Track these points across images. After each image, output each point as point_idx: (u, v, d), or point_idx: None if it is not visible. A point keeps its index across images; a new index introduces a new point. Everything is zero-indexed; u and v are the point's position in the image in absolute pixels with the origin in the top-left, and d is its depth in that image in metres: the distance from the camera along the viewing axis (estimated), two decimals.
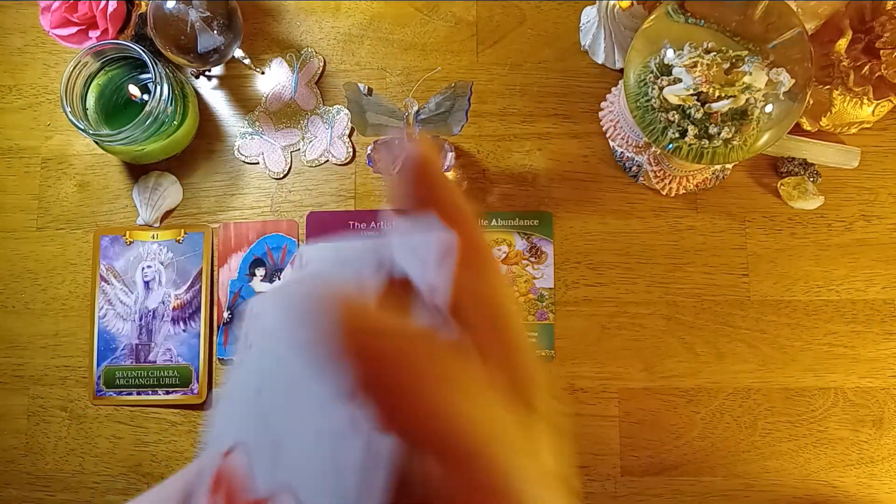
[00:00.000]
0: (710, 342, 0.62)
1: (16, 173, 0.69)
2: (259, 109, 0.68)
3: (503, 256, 0.64)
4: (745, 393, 0.62)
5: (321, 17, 0.69)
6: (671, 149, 0.52)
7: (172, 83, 0.61)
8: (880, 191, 0.63)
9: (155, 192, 0.67)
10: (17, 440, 0.66)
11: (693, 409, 0.62)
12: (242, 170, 0.68)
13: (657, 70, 0.52)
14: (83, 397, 0.66)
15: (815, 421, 0.61)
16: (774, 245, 0.63)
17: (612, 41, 0.64)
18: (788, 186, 0.63)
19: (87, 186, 0.68)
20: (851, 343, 0.62)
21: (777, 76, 0.49)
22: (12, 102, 0.70)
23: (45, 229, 0.68)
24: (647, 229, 0.64)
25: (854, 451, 0.61)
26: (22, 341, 0.67)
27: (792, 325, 0.62)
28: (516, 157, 0.66)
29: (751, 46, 0.51)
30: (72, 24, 0.64)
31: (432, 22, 0.68)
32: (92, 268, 0.67)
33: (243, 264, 0.66)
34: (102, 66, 0.63)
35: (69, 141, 0.69)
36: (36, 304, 0.67)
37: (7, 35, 0.71)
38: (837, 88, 0.58)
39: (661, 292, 0.63)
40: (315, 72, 0.68)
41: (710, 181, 0.63)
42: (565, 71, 0.66)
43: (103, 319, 0.66)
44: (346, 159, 0.67)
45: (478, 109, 0.66)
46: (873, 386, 0.61)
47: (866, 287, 0.62)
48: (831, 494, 0.61)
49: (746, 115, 0.50)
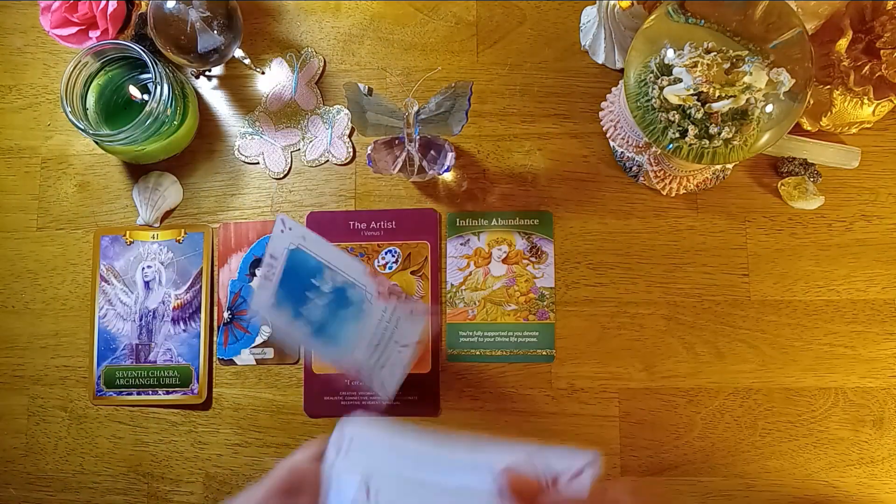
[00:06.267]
0: (711, 342, 0.62)
1: (16, 173, 0.69)
2: (259, 109, 0.68)
3: (503, 256, 0.65)
4: (746, 393, 0.62)
5: (321, 17, 0.69)
6: (671, 149, 0.52)
7: (172, 83, 0.61)
8: (880, 191, 0.63)
9: (155, 192, 0.67)
10: (18, 440, 0.66)
11: (693, 409, 0.62)
12: (242, 170, 0.68)
13: (657, 70, 0.52)
14: (83, 397, 0.66)
15: (815, 421, 0.61)
16: (775, 245, 0.63)
17: (613, 41, 0.64)
18: (789, 186, 0.63)
19: (87, 186, 0.68)
20: (852, 343, 0.62)
21: (777, 76, 0.49)
22: (12, 102, 0.70)
23: (45, 229, 0.68)
24: (647, 229, 0.64)
25: (854, 450, 0.61)
26: (22, 341, 0.67)
27: (792, 325, 0.62)
28: (516, 157, 0.66)
29: (751, 46, 0.51)
30: (72, 24, 0.64)
31: (432, 22, 0.68)
32: (92, 268, 0.67)
33: (243, 264, 0.66)
34: (102, 66, 0.63)
35: (69, 141, 0.69)
36: (36, 304, 0.67)
37: (7, 35, 0.71)
38: (838, 88, 0.58)
39: (661, 292, 0.63)
40: (315, 72, 0.68)
41: (711, 181, 0.63)
42: (565, 71, 0.66)
43: (103, 319, 0.66)
44: (347, 159, 0.67)
45: (478, 109, 0.66)
46: (873, 386, 0.61)
47: (867, 287, 0.62)
48: (831, 494, 0.61)
49: (747, 115, 0.50)
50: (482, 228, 0.65)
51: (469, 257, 0.65)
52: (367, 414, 0.61)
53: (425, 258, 0.65)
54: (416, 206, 0.66)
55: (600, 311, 0.63)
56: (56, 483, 0.65)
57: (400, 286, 0.64)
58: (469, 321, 0.64)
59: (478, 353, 0.64)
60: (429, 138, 0.61)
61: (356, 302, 0.59)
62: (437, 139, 0.61)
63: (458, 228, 0.65)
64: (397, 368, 0.59)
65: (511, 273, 0.64)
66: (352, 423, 0.42)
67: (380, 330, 0.59)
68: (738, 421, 0.62)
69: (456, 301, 0.64)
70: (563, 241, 0.64)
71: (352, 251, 0.65)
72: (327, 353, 0.60)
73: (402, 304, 0.59)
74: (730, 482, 0.61)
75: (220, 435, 0.64)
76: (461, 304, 0.64)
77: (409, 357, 0.59)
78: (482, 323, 0.64)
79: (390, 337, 0.59)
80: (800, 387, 0.62)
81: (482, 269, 0.64)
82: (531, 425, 0.63)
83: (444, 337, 0.64)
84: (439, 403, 0.63)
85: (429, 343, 0.64)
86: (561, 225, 0.65)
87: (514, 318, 0.64)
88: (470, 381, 0.63)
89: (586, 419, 0.62)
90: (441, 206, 0.66)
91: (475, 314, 0.64)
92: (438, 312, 0.64)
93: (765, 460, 0.61)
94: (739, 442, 0.61)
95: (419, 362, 0.63)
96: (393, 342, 0.59)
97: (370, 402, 0.64)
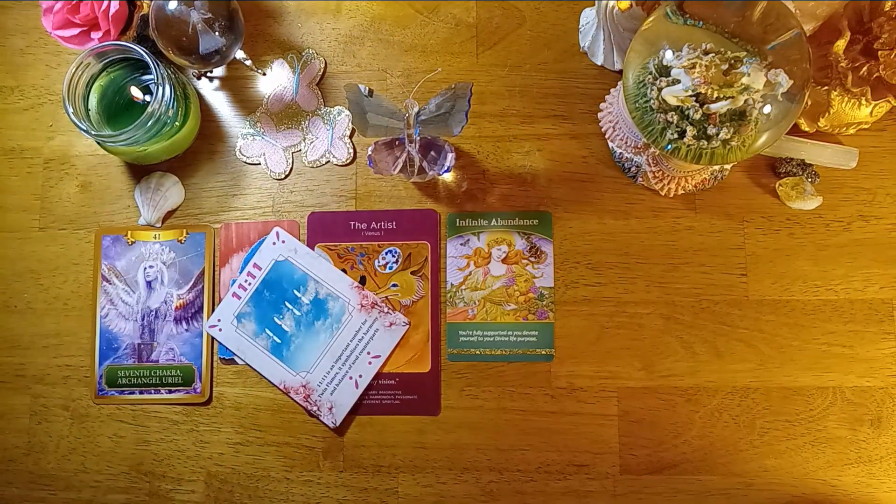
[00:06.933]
0: (709, 342, 0.63)
1: (18, 174, 0.70)
2: (260, 110, 0.69)
3: (503, 256, 0.65)
4: (744, 392, 0.62)
5: (322, 19, 0.70)
6: (670, 149, 0.52)
7: (174, 84, 0.62)
8: (878, 191, 0.63)
9: (157, 192, 0.67)
10: (20, 439, 0.66)
11: (692, 409, 0.62)
12: (244, 170, 0.68)
13: (656, 71, 0.52)
14: (85, 396, 0.66)
15: (813, 420, 0.62)
16: (773, 245, 0.63)
17: (611, 42, 0.64)
18: (787, 187, 0.63)
19: (89, 187, 0.69)
20: (849, 342, 0.62)
21: (775, 77, 0.49)
22: (15, 103, 0.71)
23: (47, 229, 0.69)
24: (645, 229, 0.64)
25: (852, 450, 0.61)
26: (24, 341, 0.67)
27: (790, 324, 0.62)
28: (516, 157, 0.66)
29: (749, 48, 0.51)
30: (74, 25, 0.64)
31: (432, 23, 0.68)
32: (94, 268, 0.67)
33: (244, 264, 0.66)
34: (104, 67, 0.64)
35: (71, 142, 0.69)
36: (38, 304, 0.68)
37: (9, 36, 0.72)
38: (836, 89, 0.58)
39: (659, 292, 0.63)
40: (316, 73, 0.69)
41: (709, 182, 0.63)
42: (564, 72, 0.67)
43: (105, 319, 0.66)
44: (347, 160, 0.67)
45: (478, 110, 0.66)
46: (871, 385, 0.62)
47: (864, 287, 0.62)
48: (830, 493, 0.61)
49: (745, 115, 0.50)
50: (482, 228, 0.65)
51: (469, 257, 0.65)
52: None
53: (425, 258, 0.65)
54: (416, 207, 0.66)
55: (599, 310, 0.64)
56: (58, 482, 0.66)
57: (396, 290, 0.65)
58: (469, 321, 0.64)
59: (478, 353, 0.64)
60: (429, 139, 0.61)
61: (335, 313, 0.62)
62: (438, 140, 0.61)
63: (458, 228, 0.65)
64: (348, 398, 0.63)
65: (511, 273, 0.65)
66: None
67: (354, 341, 0.62)
68: (737, 420, 0.62)
69: (456, 301, 0.65)
70: (562, 241, 0.65)
71: (353, 251, 0.66)
72: (277, 372, 0.62)
73: (383, 316, 0.61)
74: (728, 481, 0.61)
75: (221, 434, 0.65)
76: (461, 304, 0.64)
77: (374, 370, 0.62)
78: (482, 322, 0.64)
79: (364, 348, 0.62)
80: (798, 386, 0.62)
81: (482, 269, 0.65)
82: (530, 424, 0.63)
83: (444, 336, 0.64)
84: (440, 403, 0.64)
85: (428, 343, 0.64)
86: (560, 225, 0.65)
87: (513, 318, 0.64)
88: (470, 381, 0.64)
89: (585, 418, 0.63)
90: (441, 206, 0.66)
91: (475, 314, 0.64)
92: (437, 313, 0.65)
93: (763, 459, 0.61)
94: (738, 441, 0.62)
95: (419, 362, 0.64)
96: (365, 353, 0.62)
97: (372, 402, 0.64)
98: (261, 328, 0.64)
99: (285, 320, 0.64)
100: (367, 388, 0.63)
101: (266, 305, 0.65)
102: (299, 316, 0.64)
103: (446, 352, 0.64)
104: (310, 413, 0.64)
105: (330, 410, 0.63)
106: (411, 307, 0.64)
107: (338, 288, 0.64)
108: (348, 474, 0.64)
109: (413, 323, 0.64)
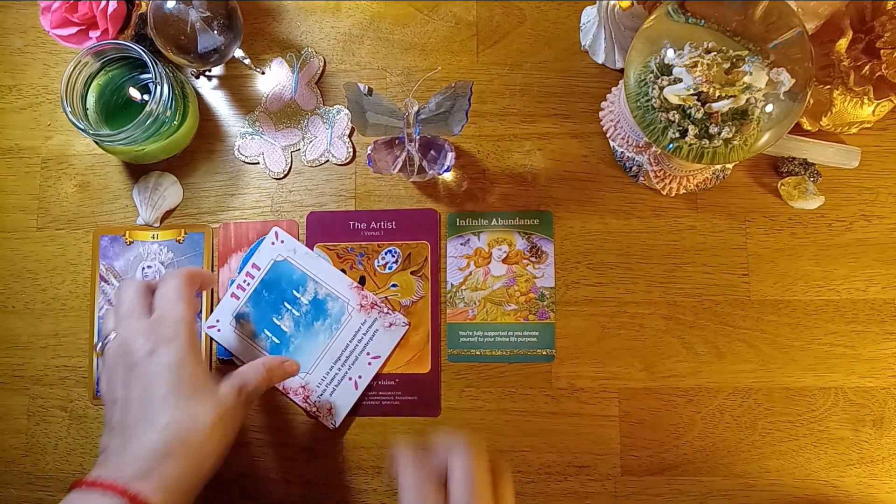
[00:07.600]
0: (711, 342, 0.62)
1: (16, 173, 0.69)
2: (259, 109, 0.68)
3: (504, 256, 0.65)
4: (746, 393, 0.62)
5: (321, 17, 0.69)
6: (671, 149, 0.52)
7: (172, 83, 0.61)
8: (880, 190, 0.63)
9: (155, 192, 0.67)
10: (18, 440, 0.66)
11: (693, 409, 0.62)
12: (242, 170, 0.68)
13: (657, 70, 0.52)
14: (83, 397, 0.66)
15: (815, 420, 0.61)
16: (775, 245, 0.63)
17: (613, 41, 0.64)
18: (789, 186, 0.63)
19: (87, 186, 0.68)
20: (852, 343, 0.62)
21: (777, 76, 0.49)
22: (12, 102, 0.70)
23: (45, 229, 0.68)
24: (647, 229, 0.64)
25: (854, 450, 0.61)
26: (22, 341, 0.67)
27: (792, 324, 0.62)
28: (516, 156, 0.66)
29: (751, 46, 0.51)
30: (72, 24, 0.64)
31: (432, 22, 0.68)
32: (92, 268, 0.67)
33: (243, 264, 0.66)
34: (103, 66, 0.63)
35: (69, 141, 0.69)
36: (36, 305, 0.67)
37: (7, 35, 0.71)
38: (838, 88, 0.58)
39: (661, 292, 0.63)
40: (315, 72, 0.68)
41: (711, 181, 0.63)
42: (565, 71, 0.66)
43: (103, 319, 0.66)
44: (347, 159, 0.67)
45: (478, 109, 0.66)
46: (874, 385, 0.61)
47: (867, 287, 0.62)
48: (832, 494, 0.61)
49: (747, 114, 0.50)
50: (482, 228, 0.65)
51: (469, 257, 0.65)
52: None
53: (425, 258, 0.65)
54: (416, 206, 0.66)
55: (600, 310, 0.63)
56: (56, 483, 0.65)
57: (396, 289, 0.64)
58: (469, 321, 0.64)
59: (478, 353, 0.64)
60: (429, 138, 0.61)
61: (334, 314, 0.62)
62: (437, 139, 0.61)
63: (458, 228, 0.65)
64: (348, 398, 0.63)
65: (511, 273, 0.64)
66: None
67: (354, 341, 0.62)
68: (738, 421, 0.62)
69: (456, 301, 0.64)
70: (563, 241, 0.64)
71: (352, 251, 0.65)
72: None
73: (383, 316, 0.61)
74: (730, 482, 0.61)
75: None
76: (461, 304, 0.64)
77: (374, 371, 0.62)
78: (482, 323, 0.64)
79: (363, 348, 0.62)
80: (800, 386, 0.62)
81: (482, 269, 0.65)
82: (531, 425, 0.63)
83: (444, 337, 0.64)
84: (440, 403, 0.63)
85: (428, 343, 0.64)
86: (561, 225, 0.65)
87: (514, 318, 0.64)
88: (470, 381, 0.64)
89: (586, 419, 0.62)
90: (441, 206, 0.66)
91: (475, 314, 0.64)
92: (437, 314, 0.64)
93: (765, 460, 0.61)
94: (739, 441, 0.61)
95: (419, 363, 0.64)
96: (364, 353, 0.61)
97: (371, 402, 0.64)
98: (259, 328, 0.64)
99: (284, 321, 0.64)
100: (367, 389, 0.63)
101: (265, 306, 0.64)
102: (298, 316, 0.64)
103: (446, 352, 0.64)
104: (309, 414, 0.63)
105: (329, 411, 0.63)
106: (411, 307, 0.64)
107: (337, 288, 0.63)
108: (348, 475, 0.63)
109: (413, 323, 0.64)
